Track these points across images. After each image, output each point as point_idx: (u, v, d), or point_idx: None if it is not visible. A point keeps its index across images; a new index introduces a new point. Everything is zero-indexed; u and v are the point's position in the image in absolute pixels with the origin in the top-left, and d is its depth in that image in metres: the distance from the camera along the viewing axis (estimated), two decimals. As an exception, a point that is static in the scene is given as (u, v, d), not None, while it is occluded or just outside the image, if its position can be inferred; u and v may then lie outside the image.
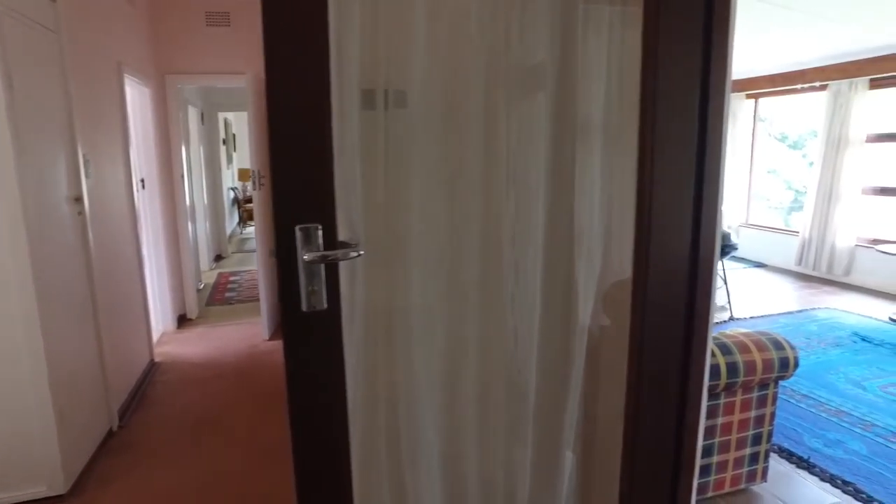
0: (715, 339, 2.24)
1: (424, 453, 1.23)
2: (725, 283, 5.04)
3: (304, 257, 0.95)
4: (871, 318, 5.10)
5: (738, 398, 2.28)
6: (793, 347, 2.30)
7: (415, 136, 1.07)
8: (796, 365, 2.30)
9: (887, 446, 2.87)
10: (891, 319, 5.03)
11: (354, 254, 1.01)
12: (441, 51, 1.05)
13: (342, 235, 1.06)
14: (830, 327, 4.79)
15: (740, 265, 7.40)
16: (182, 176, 4.87)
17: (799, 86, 6.90)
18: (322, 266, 0.97)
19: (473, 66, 1.11)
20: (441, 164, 1.12)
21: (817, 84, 6.64)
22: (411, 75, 1.04)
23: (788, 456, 2.75)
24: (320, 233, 0.97)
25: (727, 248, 4.59)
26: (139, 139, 4.23)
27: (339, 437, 1.05)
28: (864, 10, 4.63)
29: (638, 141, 1.11)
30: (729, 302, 5.08)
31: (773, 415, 2.38)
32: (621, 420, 1.31)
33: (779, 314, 5.18)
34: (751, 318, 5.05)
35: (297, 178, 0.95)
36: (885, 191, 6.39)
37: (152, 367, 3.80)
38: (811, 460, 2.70)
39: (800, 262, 6.88)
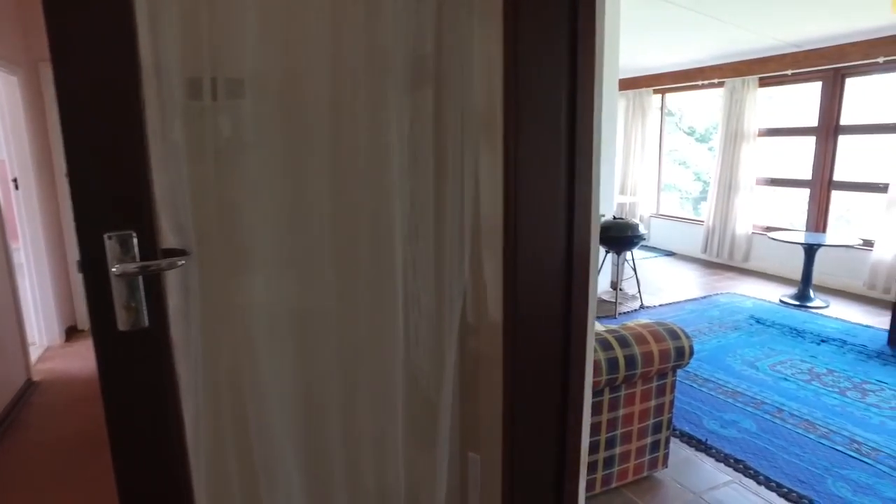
0: (613, 332, 2.26)
1: (284, 470, 1.12)
2: (635, 272, 5.21)
3: (115, 270, 0.82)
4: (765, 300, 5.43)
5: (639, 389, 2.31)
6: (688, 336, 2.36)
7: (258, 129, 0.95)
8: (692, 353, 2.36)
9: (773, 422, 3.03)
10: (781, 301, 5.38)
11: (181, 262, 0.88)
12: (284, 34, 0.93)
13: (172, 242, 0.93)
14: (730, 311, 5.06)
15: (651, 254, 7.71)
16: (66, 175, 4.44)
17: (699, 82, 7.25)
18: (140, 279, 0.84)
19: (327, 52, 1.01)
20: (287, 158, 1.01)
21: (715, 81, 7.00)
22: (248, 62, 0.92)
23: (689, 440, 2.84)
24: (136, 241, 0.83)
25: (636, 239, 4.73)
26: (7, 133, 3.80)
27: (177, 476, 0.92)
28: (750, 14, 4.90)
29: (502, 140, 1.05)
30: (639, 291, 5.26)
31: (672, 402, 2.43)
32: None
33: (685, 301, 5.41)
34: (660, 305, 5.25)
35: (102, 179, 0.81)
36: (775, 181, 6.84)
37: (29, 387, 3.43)
38: (708, 442, 2.81)
39: (705, 250, 7.25)
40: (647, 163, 8.21)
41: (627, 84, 8.30)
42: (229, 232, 0.95)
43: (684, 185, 10.58)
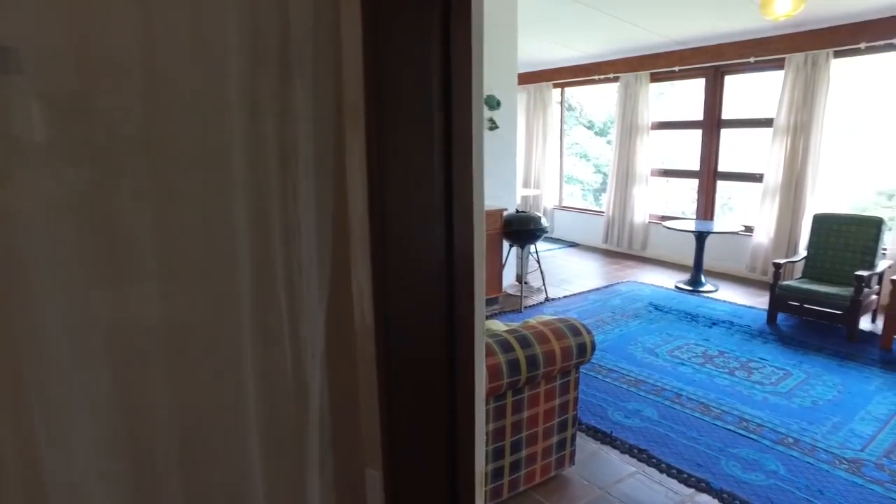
0: (514, 331, 2.19)
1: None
2: (540, 265, 5.26)
3: None
4: (662, 287, 5.68)
5: (542, 389, 2.26)
6: (589, 332, 2.34)
7: (46, 115, 0.74)
8: (593, 349, 2.34)
9: (673, 408, 3.12)
10: (676, 287, 5.66)
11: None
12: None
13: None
14: (631, 299, 5.24)
15: (555, 246, 7.89)
16: None
17: (596, 77, 7.48)
18: None
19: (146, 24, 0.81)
20: (87, 154, 0.80)
21: (611, 76, 7.25)
22: (27, 25, 0.70)
23: (595, 433, 2.86)
24: None
25: (539, 232, 4.76)
26: None
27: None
28: (638, 11, 5.08)
29: (365, 134, 0.90)
30: (544, 283, 5.32)
31: (576, 400, 2.41)
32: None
33: (589, 291, 5.55)
34: (565, 297, 5.34)
35: None
36: (667, 173, 7.21)
37: None
38: (613, 434, 2.83)
39: (606, 240, 7.51)
40: (549, 156, 8.38)
41: (527, 78, 8.43)
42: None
43: (585, 177, 10.99)
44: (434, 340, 1.10)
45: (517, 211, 4.96)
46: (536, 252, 5.23)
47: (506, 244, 5.00)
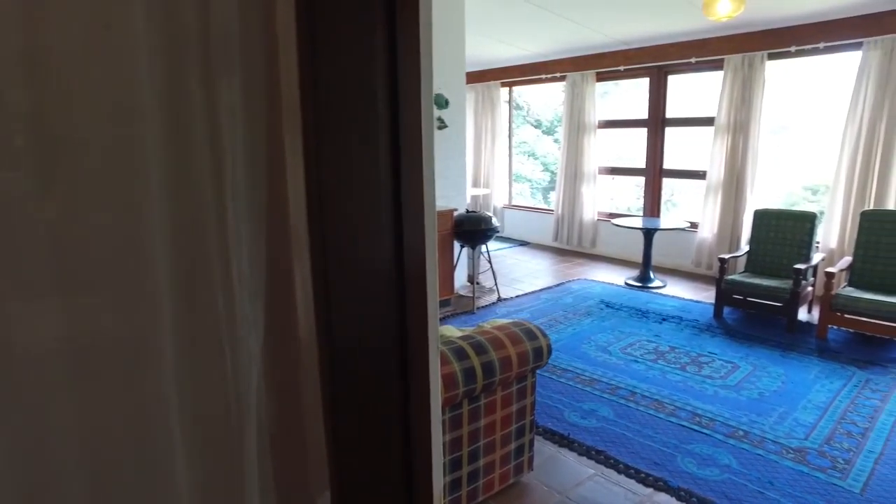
0: (469, 338, 2.12)
1: None
2: (491, 265, 5.23)
3: None
4: (612, 284, 5.76)
5: (499, 395, 2.20)
6: (545, 335, 2.30)
7: None
8: (549, 352, 2.30)
9: (628, 406, 3.13)
10: (626, 284, 5.75)
11: None
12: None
13: None
14: (583, 297, 5.28)
15: (506, 245, 7.90)
16: None
17: (543, 76, 7.53)
18: None
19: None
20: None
21: (557, 75, 7.31)
22: None
23: (552, 436, 2.82)
24: None
25: (490, 232, 4.72)
26: None
27: None
28: (582, 11, 5.13)
29: (302, 137, 0.80)
30: (496, 284, 5.29)
31: (533, 405, 2.36)
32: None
33: (541, 290, 5.56)
34: (517, 296, 5.33)
35: None
36: (615, 171, 7.34)
37: None
38: (571, 436, 2.81)
39: (556, 238, 7.58)
40: (498, 155, 8.38)
41: (476, 77, 8.41)
42: None
43: (534, 175, 11.10)
44: (384, 351, 1.02)
45: (468, 211, 4.92)
46: (488, 252, 5.20)
47: (457, 245, 4.95)
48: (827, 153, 5.74)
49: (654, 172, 6.61)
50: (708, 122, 5.92)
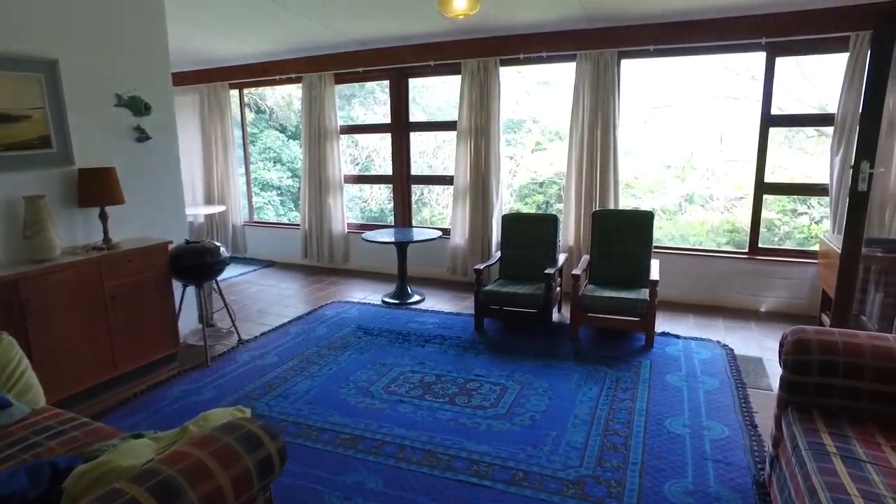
0: (152, 473, 1.28)
1: None
2: (225, 303, 4.24)
3: None
4: (369, 304, 5.26)
5: (209, 547, 1.41)
6: (275, 437, 1.57)
7: None
8: (284, 457, 1.59)
9: (398, 468, 2.59)
10: (384, 302, 5.30)
11: None
12: None
13: None
14: (338, 325, 4.65)
15: (250, 268, 6.86)
16: None
17: (276, 77, 6.68)
18: None
19: None
20: None
21: (293, 76, 6.54)
22: None
23: (306, 543, 2.11)
24: None
25: (218, 266, 3.77)
26: None
27: None
28: (314, 5, 4.50)
29: None
30: (234, 324, 4.33)
31: (268, 533, 1.62)
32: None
33: (290, 322, 4.77)
34: (261, 335, 4.45)
35: None
36: (362, 179, 6.88)
37: None
38: (331, 539, 2.13)
39: (306, 255, 6.82)
40: (232, 166, 7.25)
41: (199, 77, 7.15)
42: None
43: (283, 182, 10.13)
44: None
45: (187, 241, 3.86)
46: (219, 288, 4.20)
47: (180, 284, 3.87)
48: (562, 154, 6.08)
49: (402, 179, 6.32)
50: (452, 126, 5.81)
